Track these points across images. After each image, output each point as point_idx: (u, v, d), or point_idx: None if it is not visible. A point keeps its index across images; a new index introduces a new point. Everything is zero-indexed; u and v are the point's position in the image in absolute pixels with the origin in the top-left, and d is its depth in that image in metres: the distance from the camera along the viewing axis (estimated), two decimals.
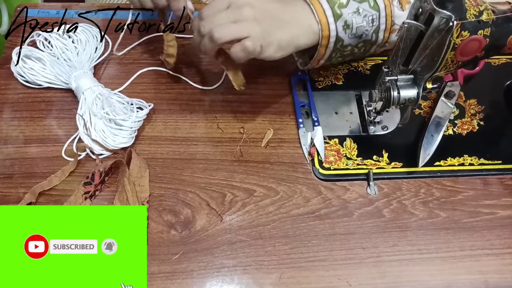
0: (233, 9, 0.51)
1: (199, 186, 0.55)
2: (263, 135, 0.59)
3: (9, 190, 0.54)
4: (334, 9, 0.52)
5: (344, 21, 0.53)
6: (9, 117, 0.59)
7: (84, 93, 0.57)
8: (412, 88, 0.51)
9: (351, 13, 0.53)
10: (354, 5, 0.53)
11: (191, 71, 0.64)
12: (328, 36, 0.53)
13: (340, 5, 0.53)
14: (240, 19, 0.50)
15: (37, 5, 0.69)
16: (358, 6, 0.53)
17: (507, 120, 0.63)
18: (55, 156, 0.56)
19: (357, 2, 0.53)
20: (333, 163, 0.57)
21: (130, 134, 0.57)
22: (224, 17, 0.50)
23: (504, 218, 0.55)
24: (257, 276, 0.50)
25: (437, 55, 0.47)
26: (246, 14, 0.50)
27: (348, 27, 0.53)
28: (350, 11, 0.53)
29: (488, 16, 0.46)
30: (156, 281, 0.49)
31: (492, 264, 0.52)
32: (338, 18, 0.52)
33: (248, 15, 0.50)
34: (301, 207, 0.54)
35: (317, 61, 0.57)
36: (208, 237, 0.52)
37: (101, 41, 0.64)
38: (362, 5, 0.53)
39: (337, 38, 0.54)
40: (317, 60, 0.57)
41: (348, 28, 0.53)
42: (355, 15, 0.53)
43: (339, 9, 0.52)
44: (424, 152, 0.58)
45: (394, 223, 0.54)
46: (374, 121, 0.60)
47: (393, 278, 0.51)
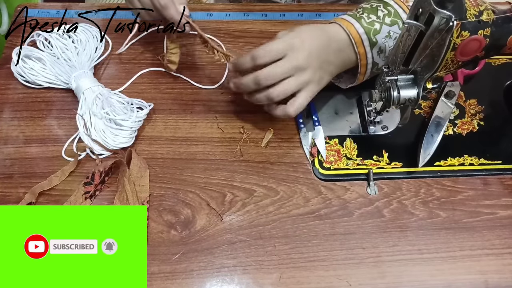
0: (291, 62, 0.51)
1: (199, 186, 0.55)
2: (263, 135, 0.59)
3: (9, 190, 0.54)
4: (370, 38, 0.53)
5: (378, 48, 0.54)
6: (9, 117, 0.59)
7: (84, 93, 0.57)
8: (412, 88, 0.51)
9: (384, 37, 0.54)
10: (386, 30, 0.54)
11: (191, 71, 0.64)
12: (366, 63, 0.55)
13: (375, 32, 0.54)
14: (296, 72, 0.52)
15: (37, 5, 0.69)
16: (389, 29, 0.54)
17: (507, 120, 0.63)
18: (55, 156, 0.56)
19: (388, 26, 0.54)
20: (333, 163, 0.57)
21: (130, 134, 0.57)
22: (280, 73, 0.51)
23: (504, 218, 0.55)
24: (257, 276, 0.50)
25: (437, 55, 0.47)
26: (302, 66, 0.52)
27: (381, 51, 0.55)
28: (383, 36, 0.54)
29: (488, 16, 0.46)
30: (156, 281, 0.49)
31: (492, 264, 0.52)
32: (374, 46, 0.54)
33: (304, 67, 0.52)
34: (301, 207, 0.54)
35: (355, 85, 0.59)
36: (208, 237, 0.52)
37: (101, 41, 0.64)
38: (392, 28, 0.54)
39: (373, 64, 0.55)
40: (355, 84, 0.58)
41: (381, 52, 0.55)
42: (387, 39, 0.54)
43: (374, 37, 0.54)
44: (424, 152, 0.58)
45: (394, 223, 0.54)
46: (374, 121, 0.60)
47: (393, 278, 0.51)
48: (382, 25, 0.54)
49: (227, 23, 0.69)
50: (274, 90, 0.52)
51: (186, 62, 0.65)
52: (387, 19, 0.54)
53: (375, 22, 0.54)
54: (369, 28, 0.54)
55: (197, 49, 0.66)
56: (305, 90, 0.53)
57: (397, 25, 0.54)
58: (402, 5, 0.55)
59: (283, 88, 0.52)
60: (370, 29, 0.54)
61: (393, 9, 0.55)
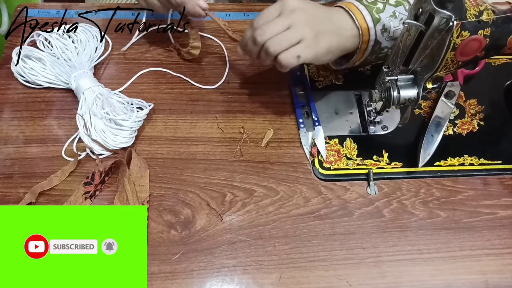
0: (285, 15, 0.51)
1: (199, 186, 0.55)
2: (263, 135, 0.59)
3: (9, 190, 0.54)
4: (372, 14, 0.53)
5: (382, 25, 0.53)
6: (9, 117, 0.59)
7: (84, 93, 0.57)
8: (412, 88, 0.51)
9: (388, 17, 0.53)
10: (391, 9, 0.54)
11: (191, 71, 0.64)
12: (368, 40, 0.54)
13: (378, 10, 0.53)
14: (293, 24, 0.51)
15: (37, 5, 0.69)
16: (394, 10, 0.54)
17: (507, 120, 0.63)
18: (55, 156, 0.56)
19: (393, 6, 0.54)
20: (333, 163, 0.57)
21: (130, 134, 0.57)
22: (277, 26, 0.51)
23: (504, 218, 0.55)
24: (257, 276, 0.50)
25: (437, 55, 0.47)
26: (298, 17, 0.51)
27: (385, 30, 0.54)
28: (387, 15, 0.53)
29: (488, 16, 0.46)
30: (156, 281, 0.49)
31: (492, 264, 0.52)
32: (377, 22, 0.53)
33: (300, 19, 0.51)
34: (301, 207, 0.54)
35: (353, 63, 0.58)
36: (208, 237, 0.52)
37: (101, 41, 0.64)
38: (398, 9, 0.54)
39: (375, 42, 0.54)
40: (353, 62, 0.57)
41: (385, 31, 0.54)
42: (392, 19, 0.54)
43: (377, 14, 0.53)
44: (424, 152, 0.58)
45: (394, 223, 0.54)
46: (374, 121, 0.60)
47: (393, 278, 0.51)
48: (386, 4, 0.54)
49: (227, 23, 0.69)
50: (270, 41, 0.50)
51: (186, 62, 0.65)
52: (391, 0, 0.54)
53: (377, 2, 0.54)
54: (371, 7, 0.53)
55: None
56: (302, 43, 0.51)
57: (403, 6, 0.54)
58: None
59: (279, 39, 0.50)
60: (372, 7, 0.53)
61: None
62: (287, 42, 0.50)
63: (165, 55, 0.65)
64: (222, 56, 0.66)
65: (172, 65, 0.64)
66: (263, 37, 0.51)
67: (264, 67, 0.64)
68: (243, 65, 0.65)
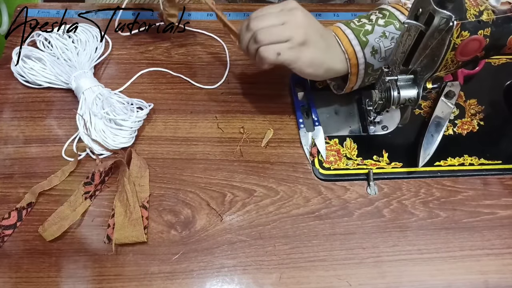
0: (284, 12, 0.51)
1: (199, 186, 0.55)
2: (263, 135, 0.59)
3: (9, 190, 0.54)
4: (359, 37, 0.53)
5: (371, 47, 0.53)
6: (9, 117, 0.59)
7: (84, 93, 0.57)
8: (412, 88, 0.51)
9: (378, 37, 0.53)
10: (380, 30, 0.53)
11: (191, 71, 0.64)
12: (357, 64, 0.54)
13: (366, 32, 0.53)
14: (288, 22, 0.51)
15: (37, 5, 0.69)
16: (384, 30, 0.54)
17: (507, 120, 0.63)
18: (55, 156, 0.56)
19: (382, 27, 0.54)
20: (333, 163, 0.57)
21: (130, 134, 0.57)
22: (273, 19, 0.51)
23: (504, 218, 0.55)
24: (257, 276, 0.50)
25: (437, 55, 0.47)
26: (295, 18, 0.51)
27: (376, 52, 0.54)
28: (377, 36, 0.53)
29: (488, 16, 0.46)
30: (156, 281, 0.49)
31: (492, 264, 0.52)
32: (365, 45, 0.53)
33: (297, 20, 0.51)
34: (301, 207, 0.54)
35: (350, 88, 0.58)
36: (208, 237, 0.52)
37: (101, 41, 0.64)
38: (388, 28, 0.54)
39: (366, 65, 0.54)
40: (349, 87, 0.57)
41: (376, 53, 0.54)
42: (382, 39, 0.53)
43: (364, 37, 0.53)
44: (424, 152, 0.58)
45: (394, 223, 0.54)
46: (374, 121, 0.60)
47: (393, 278, 0.51)
48: (374, 26, 0.54)
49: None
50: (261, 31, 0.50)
51: (186, 62, 0.65)
52: (380, 20, 0.54)
53: (366, 24, 0.54)
54: (358, 30, 0.53)
55: (197, 49, 0.66)
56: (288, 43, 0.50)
57: (393, 25, 0.54)
58: (400, 8, 0.55)
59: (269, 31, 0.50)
60: (360, 30, 0.53)
61: (388, 12, 0.55)
62: (276, 37, 0.50)
63: (165, 55, 0.65)
64: (222, 56, 0.66)
65: (172, 65, 0.64)
66: (257, 25, 0.51)
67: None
68: (243, 65, 0.65)
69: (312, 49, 0.51)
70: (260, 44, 0.50)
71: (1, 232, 0.50)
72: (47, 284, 0.48)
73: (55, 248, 0.50)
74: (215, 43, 0.67)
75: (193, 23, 0.68)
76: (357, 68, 0.54)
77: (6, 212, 0.51)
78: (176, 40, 0.66)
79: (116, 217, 0.51)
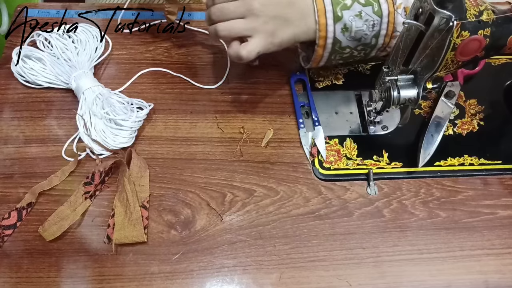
0: (245, 3, 0.51)
1: (199, 186, 0.55)
2: (263, 135, 0.59)
3: (9, 190, 0.54)
4: (335, 11, 0.52)
5: (343, 24, 0.53)
6: (9, 117, 0.59)
7: (84, 93, 0.57)
8: (412, 88, 0.51)
9: (353, 16, 0.53)
10: (358, 8, 0.53)
11: (191, 71, 0.64)
12: (325, 37, 0.53)
13: (344, 7, 0.52)
14: (248, 16, 0.50)
15: (37, 5, 0.69)
16: (361, 9, 0.53)
17: (507, 120, 0.63)
18: (55, 156, 0.56)
19: (361, 5, 0.53)
20: (333, 163, 0.57)
21: (130, 134, 0.57)
22: (232, 11, 0.51)
23: (504, 218, 0.55)
24: (257, 276, 0.50)
25: (437, 55, 0.47)
26: (255, 11, 0.50)
27: (346, 30, 0.53)
28: (352, 14, 0.53)
29: (488, 16, 0.46)
30: (156, 281, 0.49)
31: (492, 264, 0.52)
32: (338, 20, 0.52)
33: (257, 12, 0.50)
34: (301, 207, 0.54)
35: (317, 62, 0.57)
36: (208, 237, 0.52)
37: (101, 41, 0.64)
38: (366, 9, 0.53)
39: (334, 40, 0.54)
40: (316, 61, 0.57)
41: (346, 31, 0.53)
42: (356, 19, 0.53)
43: (340, 11, 0.52)
44: (424, 152, 0.58)
45: (394, 223, 0.54)
46: (374, 121, 0.60)
47: (393, 278, 0.51)
48: (355, 2, 0.53)
49: None
50: (221, 24, 0.51)
51: (186, 62, 0.65)
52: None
53: None
54: (338, 1, 0.52)
55: (197, 49, 0.66)
56: (256, 37, 0.51)
57: (371, 7, 0.53)
58: None
59: (230, 26, 0.51)
60: (339, 2, 0.52)
61: None
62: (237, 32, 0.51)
63: (165, 55, 0.65)
64: (222, 56, 0.66)
65: (172, 65, 0.64)
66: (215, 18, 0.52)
67: (264, 67, 0.63)
68: (243, 65, 0.65)
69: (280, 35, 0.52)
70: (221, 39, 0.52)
71: (1, 232, 0.50)
72: (47, 284, 0.48)
73: (55, 248, 0.50)
74: (215, 43, 0.67)
75: (194, 23, 0.68)
76: (325, 41, 0.54)
77: (6, 212, 0.52)
78: (176, 40, 0.66)
79: (116, 217, 0.51)
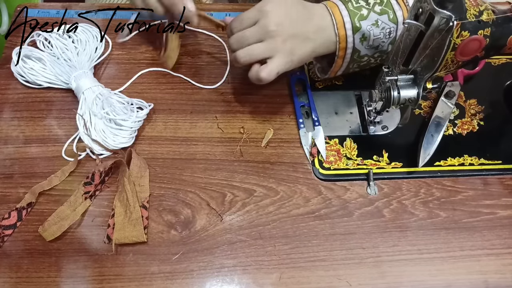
0: (261, 27, 0.51)
1: (199, 186, 0.55)
2: (263, 135, 0.59)
3: (9, 190, 0.54)
4: (354, 21, 0.53)
5: (362, 34, 0.53)
6: (9, 117, 0.59)
7: (84, 93, 0.57)
8: (412, 88, 0.51)
9: (370, 25, 0.53)
10: (374, 17, 0.53)
11: (191, 71, 0.64)
12: (345, 48, 0.54)
13: (361, 17, 0.53)
14: (266, 38, 0.51)
15: (37, 5, 0.69)
16: (377, 18, 0.53)
17: (507, 120, 0.63)
18: (55, 156, 0.56)
19: (377, 14, 0.53)
20: (333, 163, 0.57)
21: (130, 134, 0.57)
22: (250, 36, 0.52)
23: (504, 218, 0.55)
24: (257, 276, 0.50)
25: (437, 55, 0.47)
26: (271, 33, 0.51)
27: (365, 39, 0.54)
28: (369, 23, 0.53)
29: (488, 16, 0.46)
30: (156, 281, 0.49)
31: (492, 264, 0.52)
32: (357, 31, 0.53)
33: (273, 34, 0.51)
34: (301, 207, 0.54)
35: (335, 72, 0.58)
36: (208, 237, 0.52)
37: (101, 41, 0.64)
38: (382, 18, 0.53)
39: (353, 50, 0.54)
40: (335, 71, 0.57)
41: (365, 40, 0.54)
42: (373, 27, 0.53)
43: (358, 22, 0.53)
44: (424, 152, 0.58)
45: (394, 223, 0.54)
46: (374, 121, 0.60)
47: (393, 278, 0.51)
48: (370, 12, 0.53)
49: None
50: (241, 51, 0.52)
51: (186, 62, 0.65)
52: (377, 7, 0.54)
53: (363, 8, 0.53)
54: (355, 12, 0.53)
55: (197, 49, 0.66)
56: (276, 57, 0.52)
57: (387, 15, 0.53)
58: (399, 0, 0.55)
59: (249, 51, 0.52)
60: (356, 13, 0.53)
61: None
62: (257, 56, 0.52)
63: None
64: (223, 56, 0.66)
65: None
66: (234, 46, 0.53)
67: None
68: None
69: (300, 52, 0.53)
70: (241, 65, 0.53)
71: (1, 232, 0.50)
72: (47, 284, 0.48)
73: (55, 248, 0.50)
74: (215, 43, 0.67)
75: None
76: (345, 52, 0.54)
77: (6, 212, 0.52)
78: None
79: (116, 217, 0.51)
